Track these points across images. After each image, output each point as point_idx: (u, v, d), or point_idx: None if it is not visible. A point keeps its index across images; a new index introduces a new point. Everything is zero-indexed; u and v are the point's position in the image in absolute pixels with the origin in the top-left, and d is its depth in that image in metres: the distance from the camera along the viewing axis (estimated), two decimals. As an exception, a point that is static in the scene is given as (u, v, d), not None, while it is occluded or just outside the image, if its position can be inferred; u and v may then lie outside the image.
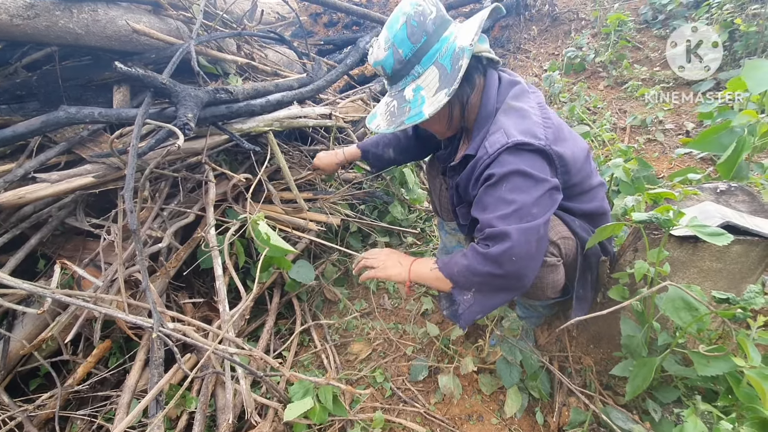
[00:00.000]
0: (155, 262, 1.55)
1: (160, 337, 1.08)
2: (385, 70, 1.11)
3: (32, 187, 1.35)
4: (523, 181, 1.00)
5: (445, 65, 1.06)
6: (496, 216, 1.00)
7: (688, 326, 0.97)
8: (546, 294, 1.22)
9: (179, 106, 1.40)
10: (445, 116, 1.16)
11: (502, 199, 1.00)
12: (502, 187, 1.01)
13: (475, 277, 1.05)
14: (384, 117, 1.15)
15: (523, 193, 0.99)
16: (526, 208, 0.98)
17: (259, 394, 1.36)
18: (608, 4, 4.27)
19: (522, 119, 1.07)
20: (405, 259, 1.22)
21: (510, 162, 1.00)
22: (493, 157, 1.03)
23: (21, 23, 1.33)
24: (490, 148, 1.04)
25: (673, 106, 2.88)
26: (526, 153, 1.02)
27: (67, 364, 1.46)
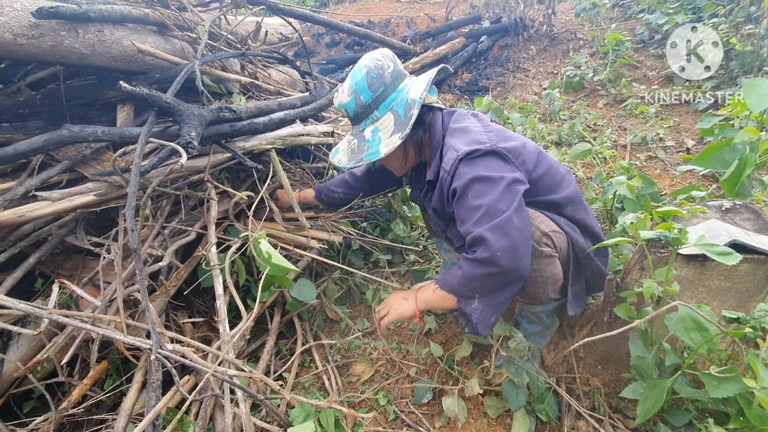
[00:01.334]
0: (155, 280, 1.53)
1: (159, 358, 1.05)
2: (348, 112, 1.28)
3: (33, 205, 1.35)
4: (482, 185, 1.11)
5: (400, 112, 1.23)
6: (471, 223, 1.10)
7: (698, 347, 0.95)
8: (547, 292, 1.26)
9: (183, 125, 1.40)
10: (400, 155, 1.33)
11: (470, 207, 1.11)
12: (468, 197, 1.12)
13: (473, 282, 1.12)
14: (345, 153, 1.31)
15: (486, 195, 1.09)
16: (493, 207, 1.08)
17: (259, 418, 1.32)
18: (605, 24, 4.35)
19: (465, 134, 1.22)
20: (409, 294, 1.32)
21: (465, 173, 1.13)
22: (451, 173, 1.17)
23: (25, 42, 1.34)
24: (447, 166, 1.18)
25: (673, 123, 2.90)
26: (477, 159, 1.14)
27: (62, 386, 1.43)
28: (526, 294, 1.30)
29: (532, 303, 1.36)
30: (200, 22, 1.96)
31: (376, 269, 2.08)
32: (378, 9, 5.61)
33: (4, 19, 1.26)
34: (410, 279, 2.02)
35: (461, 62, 4.35)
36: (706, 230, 1.26)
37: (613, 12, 4.66)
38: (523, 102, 3.65)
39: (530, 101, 3.63)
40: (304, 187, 2.09)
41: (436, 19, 5.05)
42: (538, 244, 1.18)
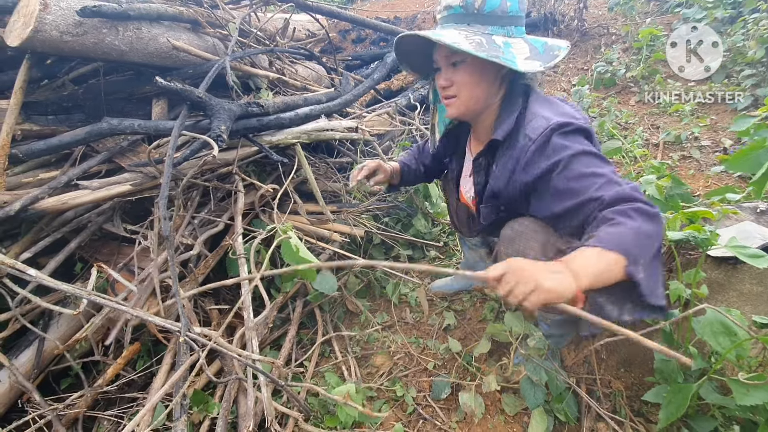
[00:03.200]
0: (185, 268, 1.59)
1: (187, 341, 1.11)
2: (483, 4, 1.04)
3: (74, 193, 1.43)
4: (591, 158, 0.96)
5: (537, 47, 1.08)
6: (595, 189, 0.91)
7: (726, 352, 0.92)
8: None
9: (213, 119, 1.46)
10: (487, 85, 1.12)
11: (584, 174, 0.93)
12: (575, 168, 0.95)
13: (647, 239, 0.83)
14: (465, 41, 1.02)
15: (601, 166, 0.95)
16: (614, 176, 0.93)
17: (280, 403, 1.37)
18: (639, 19, 4.20)
19: (552, 105, 1.09)
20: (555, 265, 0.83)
21: (564, 146, 0.97)
22: (539, 141, 1.00)
23: (70, 40, 1.42)
24: (533, 133, 1.02)
25: (710, 122, 2.78)
26: (571, 134, 1.00)
27: (98, 364, 1.51)
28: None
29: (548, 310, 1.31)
30: (231, 19, 2.01)
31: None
32: (404, 4, 5.59)
33: (51, 17, 1.34)
34: (430, 275, 2.03)
35: (488, 58, 4.28)
36: (738, 232, 1.22)
37: (649, 6, 4.49)
38: (551, 99, 3.57)
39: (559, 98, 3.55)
40: (327, 181, 2.12)
41: (463, 14, 4.98)
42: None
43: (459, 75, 1.10)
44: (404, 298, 1.91)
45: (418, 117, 2.71)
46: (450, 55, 1.10)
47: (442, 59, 1.12)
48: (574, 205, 0.94)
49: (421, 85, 3.42)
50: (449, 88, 1.13)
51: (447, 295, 1.88)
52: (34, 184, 1.49)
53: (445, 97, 1.16)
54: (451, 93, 1.14)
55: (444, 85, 1.13)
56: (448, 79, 1.12)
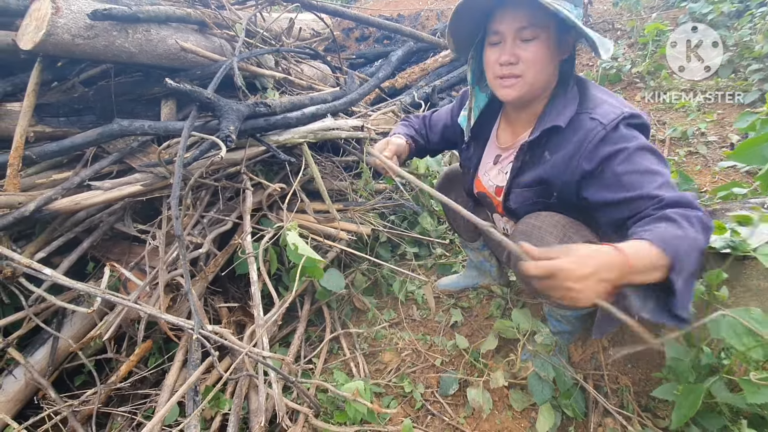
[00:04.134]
0: (194, 267, 1.62)
1: (199, 338, 1.13)
2: None
3: (87, 194, 1.45)
4: (655, 157, 0.94)
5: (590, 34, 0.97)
6: (655, 187, 0.89)
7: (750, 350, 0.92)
8: None
9: (222, 119, 1.47)
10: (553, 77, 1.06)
11: (649, 170, 0.91)
12: (642, 161, 0.92)
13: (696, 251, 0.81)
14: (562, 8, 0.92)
15: (662, 166, 0.93)
16: (672, 182, 0.91)
17: (290, 399, 1.39)
18: (645, 14, 4.17)
19: (615, 97, 1.04)
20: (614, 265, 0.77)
21: (634, 136, 0.94)
22: (610, 127, 0.95)
23: (81, 42, 1.44)
24: (604, 119, 0.96)
25: (717, 117, 2.77)
26: (639, 127, 0.98)
27: (110, 362, 1.54)
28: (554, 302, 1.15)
29: (562, 308, 1.31)
30: (237, 19, 2.03)
31: (403, 261, 2.11)
32: (408, 2, 5.59)
33: (63, 21, 1.36)
34: (437, 272, 2.04)
35: (492, 55, 4.27)
36: (747, 229, 1.22)
37: (654, 0, 4.46)
38: (556, 96, 3.57)
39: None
40: (334, 180, 2.14)
41: (467, 11, 4.98)
42: None
43: (530, 52, 0.98)
44: (411, 295, 1.93)
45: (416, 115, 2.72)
46: (524, 28, 0.97)
47: (509, 31, 0.99)
48: (630, 198, 0.91)
49: (425, 83, 3.42)
50: (514, 65, 1.00)
51: (454, 293, 1.90)
52: (48, 185, 1.52)
53: (503, 76, 1.03)
54: (516, 71, 1.01)
55: (510, 60, 1.00)
56: (515, 55, 0.99)
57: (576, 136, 1.00)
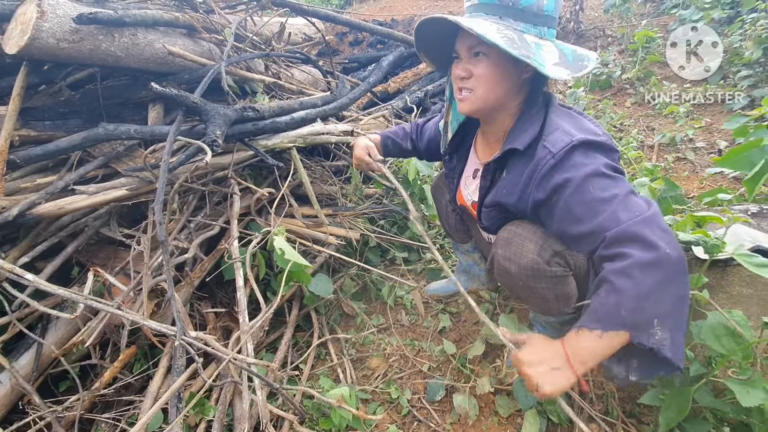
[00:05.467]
0: (181, 272, 1.61)
1: (182, 344, 1.12)
2: None
3: (71, 198, 1.44)
4: (607, 180, 0.92)
5: (567, 53, 1.01)
6: (604, 217, 0.88)
7: (731, 354, 0.92)
8: (559, 307, 1.17)
9: (209, 124, 1.47)
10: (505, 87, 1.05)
11: (597, 199, 0.90)
12: (589, 190, 0.92)
13: (648, 299, 0.81)
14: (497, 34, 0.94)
15: (614, 188, 0.91)
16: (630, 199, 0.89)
17: (276, 406, 1.38)
18: (636, 20, 4.21)
19: (573, 119, 1.04)
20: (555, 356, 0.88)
21: (583, 163, 0.93)
22: (558, 157, 0.95)
23: (67, 46, 1.44)
24: (554, 148, 0.96)
25: (705, 124, 2.79)
26: (593, 152, 0.96)
27: (96, 367, 1.52)
28: (539, 307, 1.22)
29: (544, 314, 1.31)
30: (227, 24, 2.03)
31: (393, 266, 2.11)
32: (401, 7, 5.62)
33: (48, 25, 1.35)
34: (426, 277, 2.04)
35: (485, 60, 4.30)
36: (730, 235, 1.23)
37: (645, 7, 4.51)
38: (548, 101, 3.59)
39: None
40: (323, 184, 2.14)
41: (460, 16, 5.02)
42: (547, 264, 1.07)
43: (480, 68, 1.02)
44: (400, 300, 1.92)
45: (415, 120, 2.73)
46: (474, 45, 1.02)
47: (464, 49, 1.04)
48: (582, 233, 0.94)
49: (418, 88, 3.43)
50: (466, 80, 1.05)
51: (443, 298, 1.89)
52: (32, 189, 1.51)
53: (459, 89, 1.08)
54: (468, 86, 1.06)
55: (462, 75, 1.05)
56: (467, 70, 1.04)
57: (529, 163, 1.02)
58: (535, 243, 1.07)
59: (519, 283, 1.14)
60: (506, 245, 1.12)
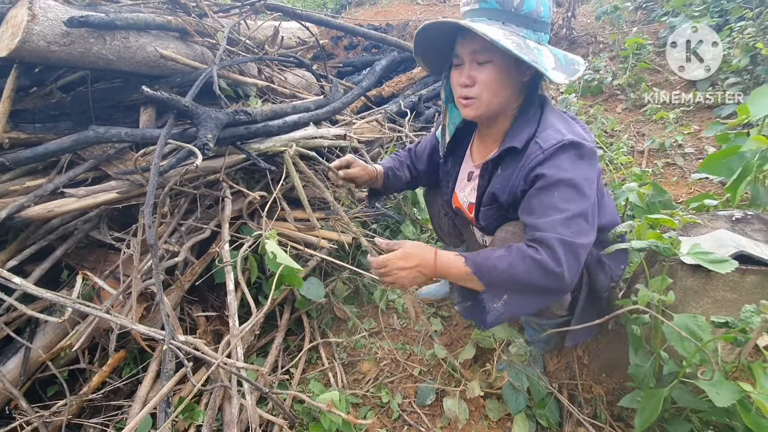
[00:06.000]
0: (171, 275, 1.60)
1: (171, 349, 1.12)
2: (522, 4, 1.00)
3: (60, 201, 1.43)
4: (575, 193, 0.99)
5: (560, 58, 1.05)
6: (547, 221, 0.97)
7: (691, 356, 0.95)
8: (552, 310, 1.21)
9: (200, 127, 1.47)
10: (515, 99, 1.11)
11: (552, 206, 0.98)
12: (554, 194, 0.99)
13: (518, 283, 0.99)
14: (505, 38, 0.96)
15: (574, 204, 0.98)
16: (576, 222, 0.97)
17: (266, 411, 1.37)
18: (627, 27, 4.27)
19: (566, 121, 1.09)
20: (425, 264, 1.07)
21: (564, 167, 0.99)
22: (548, 153, 1.00)
23: (57, 49, 1.43)
24: (545, 144, 1.02)
25: (693, 130, 2.83)
26: (579, 158, 1.01)
27: (84, 372, 1.51)
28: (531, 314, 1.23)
29: (539, 318, 1.34)
30: (220, 27, 2.03)
31: (385, 270, 2.11)
32: (397, 12, 5.66)
33: (38, 28, 1.35)
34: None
35: (478, 65, 4.33)
36: (713, 240, 1.25)
37: (636, 15, 4.57)
38: (540, 106, 3.62)
39: (547, 105, 3.60)
40: (316, 189, 2.14)
41: (454, 21, 5.05)
42: None
43: (484, 74, 1.05)
44: (392, 304, 1.93)
45: (408, 124, 2.74)
46: (477, 51, 1.03)
47: (467, 55, 1.05)
48: (528, 224, 1.04)
49: (412, 92, 3.45)
50: (471, 87, 1.07)
51: (434, 302, 1.90)
52: (21, 192, 1.50)
53: (463, 96, 1.09)
54: (472, 93, 1.08)
55: (466, 83, 1.07)
56: (471, 77, 1.06)
57: (521, 157, 1.07)
58: None
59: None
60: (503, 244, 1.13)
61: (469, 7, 1.05)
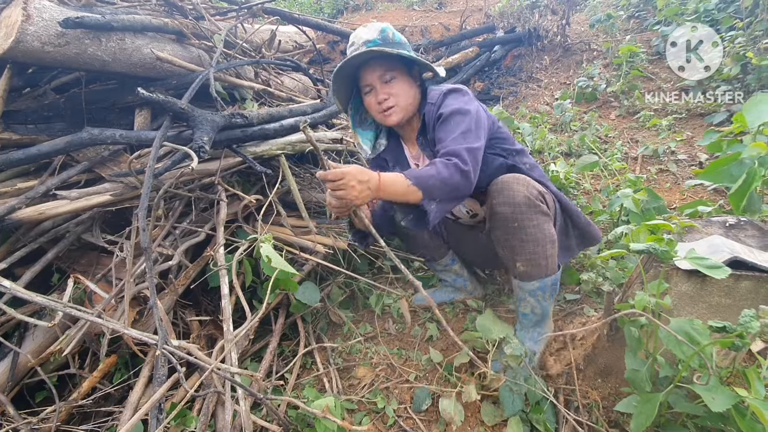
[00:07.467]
0: (165, 279, 1.58)
1: (164, 353, 1.10)
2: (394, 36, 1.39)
3: (52, 203, 1.42)
4: (462, 116, 1.33)
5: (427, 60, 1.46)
6: (451, 140, 1.29)
7: (688, 360, 0.95)
8: (546, 252, 1.36)
9: (196, 130, 1.46)
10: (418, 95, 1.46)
11: (451, 130, 1.32)
12: (450, 122, 1.33)
13: (446, 186, 1.25)
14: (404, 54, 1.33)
15: (464, 124, 1.32)
16: (469, 135, 1.30)
17: (260, 417, 1.35)
18: (620, 35, 4.32)
19: (446, 84, 1.47)
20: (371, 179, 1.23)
21: (449, 104, 1.36)
22: (437, 104, 1.39)
23: (52, 50, 1.42)
24: (432, 100, 1.41)
25: (686, 137, 2.87)
26: (456, 93, 1.40)
27: (74, 377, 1.48)
28: (527, 260, 1.37)
29: (532, 273, 1.39)
30: (217, 30, 2.03)
31: (381, 275, 2.11)
32: (393, 17, 5.69)
33: (33, 28, 1.34)
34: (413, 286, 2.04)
35: (474, 71, 4.37)
36: (707, 246, 1.26)
37: (629, 23, 4.63)
38: (535, 112, 3.65)
39: (542, 111, 3.63)
40: (312, 192, 2.13)
41: (450, 28, 5.10)
42: (536, 199, 1.32)
43: (395, 87, 1.39)
44: (387, 309, 1.91)
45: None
46: (384, 74, 1.37)
47: (375, 79, 1.38)
48: (439, 142, 1.34)
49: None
50: (388, 100, 1.39)
51: (429, 308, 1.89)
52: (12, 194, 1.48)
53: (384, 109, 1.41)
54: (390, 104, 1.40)
55: (383, 98, 1.39)
56: (386, 93, 1.39)
57: (428, 115, 1.43)
58: (522, 185, 1.32)
59: (514, 225, 1.34)
60: (499, 193, 1.34)
61: (356, 46, 1.36)
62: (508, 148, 1.49)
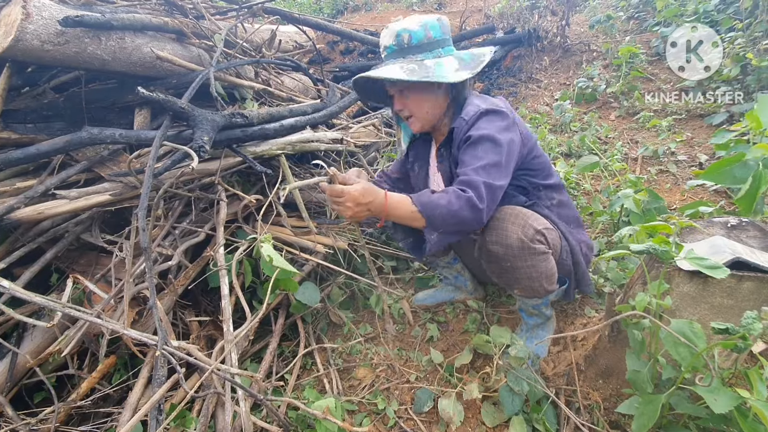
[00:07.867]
0: (164, 279, 1.57)
1: (164, 354, 1.09)
2: (411, 38, 1.29)
3: (51, 203, 1.41)
4: (492, 145, 1.23)
5: (465, 59, 1.32)
6: (472, 168, 1.21)
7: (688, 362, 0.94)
8: (542, 285, 1.33)
9: (196, 129, 1.45)
10: (436, 102, 1.37)
11: (477, 156, 1.23)
12: (478, 148, 1.23)
13: (452, 219, 1.19)
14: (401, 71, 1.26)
15: (492, 155, 1.22)
16: (494, 170, 1.22)
17: (260, 417, 1.35)
18: (620, 36, 4.33)
19: (485, 99, 1.36)
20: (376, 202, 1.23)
21: (483, 127, 1.25)
22: (470, 123, 1.27)
23: (51, 49, 1.41)
24: (467, 117, 1.29)
25: (686, 138, 2.87)
26: (493, 115, 1.28)
27: (73, 378, 1.48)
28: (523, 289, 1.36)
29: (530, 297, 1.42)
30: (217, 30, 2.02)
31: (381, 275, 2.10)
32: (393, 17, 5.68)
33: (33, 27, 1.33)
34: (414, 286, 2.03)
35: (474, 72, 4.36)
36: (709, 247, 1.26)
37: (629, 24, 4.63)
38: (535, 113, 3.65)
39: (542, 112, 3.63)
40: (312, 192, 2.13)
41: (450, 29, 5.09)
42: (531, 242, 1.25)
43: (409, 99, 1.35)
44: (388, 309, 1.91)
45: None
46: (397, 86, 1.34)
47: (392, 89, 1.37)
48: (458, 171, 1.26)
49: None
50: (403, 110, 1.38)
51: (430, 307, 1.89)
52: (11, 193, 1.47)
53: (405, 117, 1.40)
54: (406, 114, 1.38)
55: (400, 108, 1.38)
56: (402, 104, 1.37)
57: (457, 130, 1.32)
58: (517, 225, 1.25)
59: (507, 264, 1.30)
60: (491, 231, 1.28)
61: (383, 54, 1.35)
62: (536, 182, 1.40)
